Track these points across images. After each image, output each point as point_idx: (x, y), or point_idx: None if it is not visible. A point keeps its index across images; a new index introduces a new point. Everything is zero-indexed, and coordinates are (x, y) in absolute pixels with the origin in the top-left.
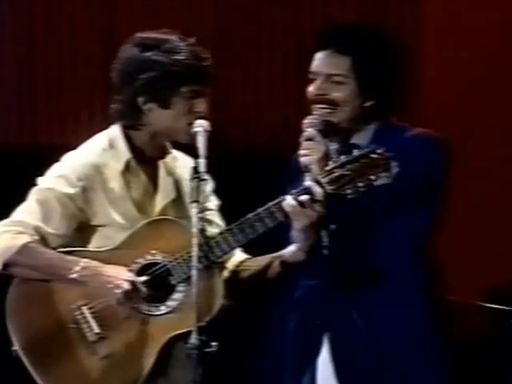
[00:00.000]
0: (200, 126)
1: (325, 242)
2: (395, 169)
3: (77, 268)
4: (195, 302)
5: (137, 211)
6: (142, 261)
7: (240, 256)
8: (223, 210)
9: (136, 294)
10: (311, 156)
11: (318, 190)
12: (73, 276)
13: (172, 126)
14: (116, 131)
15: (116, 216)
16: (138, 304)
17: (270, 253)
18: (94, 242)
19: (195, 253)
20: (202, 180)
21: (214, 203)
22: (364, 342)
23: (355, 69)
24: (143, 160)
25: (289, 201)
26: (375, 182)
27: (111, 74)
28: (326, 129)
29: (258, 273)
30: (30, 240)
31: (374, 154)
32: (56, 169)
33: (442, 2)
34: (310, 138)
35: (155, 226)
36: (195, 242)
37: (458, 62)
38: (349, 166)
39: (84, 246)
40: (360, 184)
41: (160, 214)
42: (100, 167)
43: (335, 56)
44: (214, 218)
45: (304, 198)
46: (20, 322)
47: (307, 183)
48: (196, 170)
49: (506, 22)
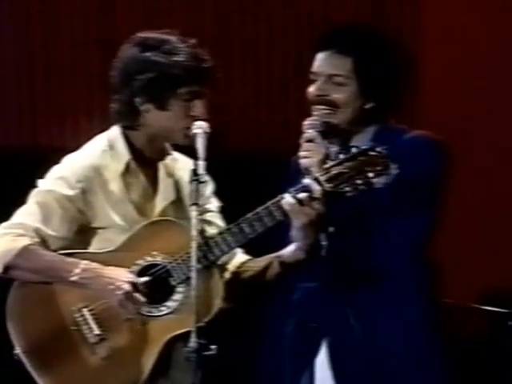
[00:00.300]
0: (199, 128)
1: (323, 244)
2: (394, 170)
3: (77, 270)
4: (194, 303)
5: (137, 213)
6: (141, 262)
7: (241, 257)
8: (223, 212)
9: (137, 294)
10: (311, 158)
11: (316, 187)
12: (73, 278)
13: (169, 128)
14: (116, 132)
15: (116, 218)
16: (139, 305)
17: (270, 253)
18: (94, 245)
19: (194, 256)
20: (201, 182)
21: (214, 205)
22: (362, 344)
23: (356, 70)
24: (143, 161)
25: (287, 199)
26: (374, 179)
27: (111, 73)
28: (326, 130)
29: (258, 274)
30: (30, 242)
31: (372, 152)
32: (56, 171)
33: (442, 2)
34: (310, 140)
35: (155, 227)
36: (194, 246)
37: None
38: (347, 164)
39: (84, 249)
40: (358, 182)
41: (160, 216)
42: (100, 169)
43: (337, 57)
44: (215, 220)
45: (303, 195)
46: (21, 324)
47: (305, 181)
48: (195, 172)
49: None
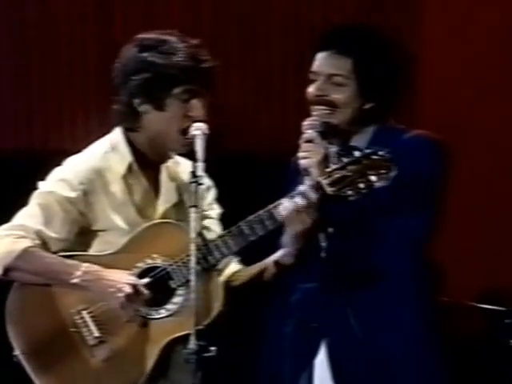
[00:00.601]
0: (198, 130)
1: (323, 245)
2: (394, 170)
3: (78, 273)
4: (194, 306)
5: (138, 215)
6: (142, 265)
7: (234, 267)
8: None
9: (138, 296)
10: (311, 158)
11: (312, 195)
12: (74, 281)
13: (165, 131)
14: (118, 134)
15: (117, 220)
16: (140, 307)
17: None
18: (95, 247)
19: (193, 258)
20: (200, 184)
21: (215, 212)
22: (361, 344)
23: (356, 70)
24: (145, 164)
25: (285, 204)
26: (376, 183)
27: (110, 75)
28: (326, 130)
29: (252, 279)
30: (30, 244)
31: (375, 156)
32: (58, 173)
33: (442, 3)
34: (309, 140)
35: (156, 230)
36: (193, 247)
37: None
38: (350, 168)
39: (85, 251)
40: (361, 185)
41: (161, 219)
42: (102, 171)
43: (337, 57)
44: (213, 227)
45: (300, 202)
46: (20, 326)
47: (302, 188)
48: (194, 174)
49: (506, 24)
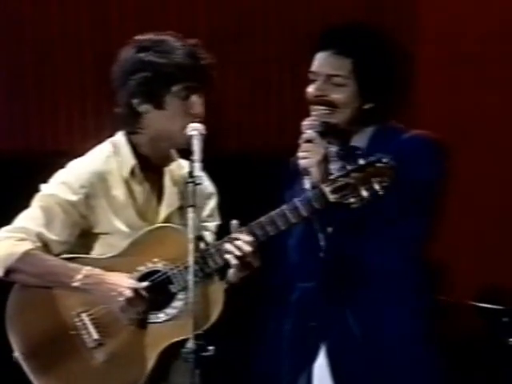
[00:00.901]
0: (195, 130)
1: (322, 244)
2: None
3: (79, 276)
4: (193, 308)
5: (139, 219)
6: (143, 269)
7: None
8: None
9: (139, 300)
10: (311, 158)
11: (315, 203)
12: (75, 284)
13: (168, 128)
14: (120, 138)
15: (119, 224)
16: (140, 310)
17: None
18: (97, 249)
19: (192, 258)
20: (197, 184)
21: (214, 223)
22: (360, 344)
23: (356, 71)
24: (148, 167)
25: (237, 243)
26: (380, 191)
27: (107, 76)
28: (325, 130)
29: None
30: (31, 247)
31: (379, 163)
32: (60, 175)
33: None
34: (309, 140)
35: (157, 234)
36: (192, 248)
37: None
38: (353, 175)
39: (87, 253)
40: (364, 193)
41: (163, 223)
42: (104, 175)
43: (336, 57)
44: (208, 239)
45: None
46: (20, 327)
47: (305, 195)
48: (191, 174)
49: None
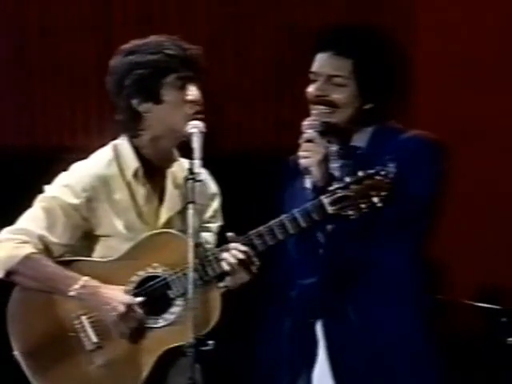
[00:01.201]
0: (195, 127)
1: (321, 242)
2: (393, 169)
3: (76, 286)
4: (192, 314)
5: (141, 222)
6: (142, 273)
7: None
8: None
9: (131, 316)
10: (311, 158)
11: (316, 217)
12: (71, 293)
13: (170, 121)
14: (123, 142)
15: (120, 227)
16: (133, 325)
17: None
18: (98, 251)
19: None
20: (197, 181)
21: (216, 224)
22: (360, 340)
23: (356, 72)
24: (151, 170)
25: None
26: (378, 203)
27: (106, 86)
28: (325, 130)
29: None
30: (33, 250)
31: (378, 176)
32: (62, 178)
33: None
34: (309, 140)
35: (158, 239)
36: (191, 244)
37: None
38: (352, 187)
39: (88, 255)
40: (363, 205)
41: (164, 226)
42: (106, 178)
43: (337, 58)
44: (209, 239)
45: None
46: (20, 327)
47: (305, 206)
48: (191, 171)
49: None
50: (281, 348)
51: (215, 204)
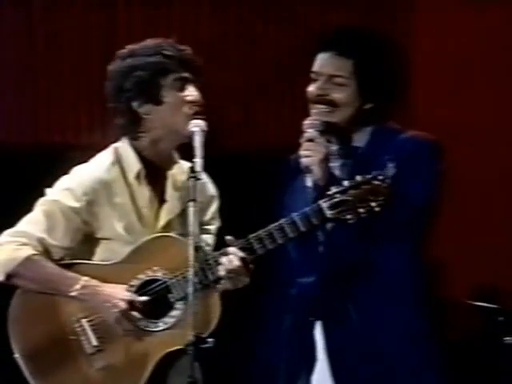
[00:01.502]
0: (197, 126)
1: (321, 240)
2: (392, 169)
3: (77, 286)
4: (193, 317)
5: (141, 225)
6: (143, 277)
7: None
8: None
9: (133, 313)
10: (312, 157)
11: (315, 221)
12: (72, 294)
13: (170, 122)
14: (124, 145)
15: (120, 230)
16: (135, 323)
17: None
18: (98, 254)
19: (192, 255)
20: (199, 179)
21: (214, 226)
22: (360, 340)
23: (357, 72)
24: (152, 172)
25: (230, 257)
26: (376, 208)
27: (106, 91)
28: (326, 129)
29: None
30: (33, 252)
31: (376, 181)
32: (64, 181)
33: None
34: (310, 139)
35: (158, 242)
36: (191, 243)
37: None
38: (351, 192)
39: (88, 258)
40: (361, 210)
41: (164, 229)
42: (107, 181)
43: (338, 58)
44: (209, 241)
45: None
46: (21, 330)
47: (308, 210)
48: (193, 170)
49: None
50: (280, 347)
51: (214, 206)
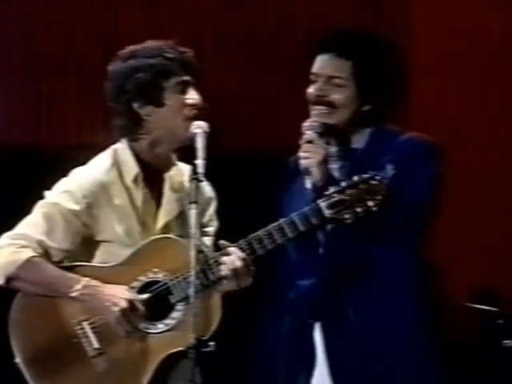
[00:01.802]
0: (199, 128)
1: (321, 241)
2: (391, 171)
3: (78, 286)
4: (193, 295)
5: (140, 227)
6: (143, 278)
7: None
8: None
9: (134, 312)
10: (311, 159)
11: (314, 220)
12: (73, 294)
13: (171, 124)
14: (122, 147)
15: (120, 232)
16: (136, 322)
17: None
18: (98, 257)
19: (193, 255)
20: (200, 181)
21: (213, 228)
22: (359, 340)
23: (356, 73)
24: (150, 175)
25: (231, 259)
26: (373, 208)
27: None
28: (325, 131)
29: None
30: (33, 254)
31: (373, 181)
32: (63, 184)
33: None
34: (309, 141)
35: (158, 244)
36: (193, 244)
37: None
38: (348, 192)
39: (88, 260)
40: (358, 210)
41: (162, 230)
42: (106, 184)
43: (337, 59)
44: (207, 243)
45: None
46: (22, 334)
47: (303, 211)
48: (194, 171)
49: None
50: (280, 349)
51: (212, 208)
